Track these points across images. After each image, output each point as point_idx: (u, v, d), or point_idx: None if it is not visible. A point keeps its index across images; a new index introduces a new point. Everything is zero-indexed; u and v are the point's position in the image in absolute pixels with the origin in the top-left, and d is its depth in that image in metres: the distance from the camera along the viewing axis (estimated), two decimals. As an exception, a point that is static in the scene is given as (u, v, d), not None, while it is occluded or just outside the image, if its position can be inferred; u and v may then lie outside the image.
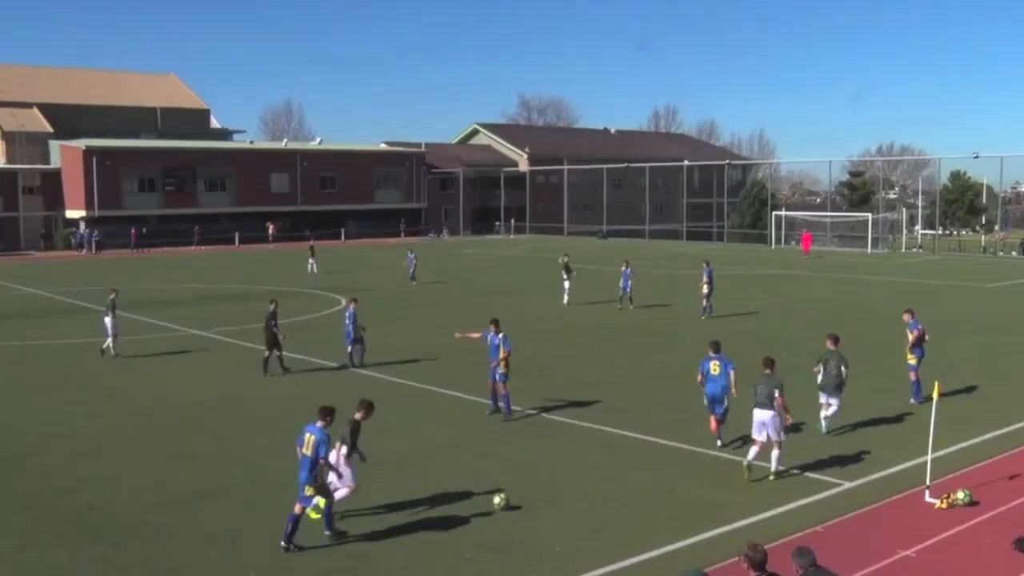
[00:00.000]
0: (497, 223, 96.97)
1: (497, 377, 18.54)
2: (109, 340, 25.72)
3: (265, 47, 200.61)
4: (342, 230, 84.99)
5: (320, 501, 11.88)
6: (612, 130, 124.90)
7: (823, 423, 17.12)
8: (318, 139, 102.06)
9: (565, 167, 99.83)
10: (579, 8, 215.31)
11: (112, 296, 26.31)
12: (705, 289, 32.86)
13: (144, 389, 21.80)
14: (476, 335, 19.54)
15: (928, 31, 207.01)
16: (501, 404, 18.65)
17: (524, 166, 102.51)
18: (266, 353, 23.12)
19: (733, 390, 16.10)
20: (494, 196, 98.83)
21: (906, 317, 19.80)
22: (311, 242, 60.24)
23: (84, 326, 31.55)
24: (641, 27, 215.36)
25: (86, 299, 39.31)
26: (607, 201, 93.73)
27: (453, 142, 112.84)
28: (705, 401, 16.43)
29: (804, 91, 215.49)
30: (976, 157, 73.08)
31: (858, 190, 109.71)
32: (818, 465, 15.21)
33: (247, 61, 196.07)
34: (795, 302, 37.80)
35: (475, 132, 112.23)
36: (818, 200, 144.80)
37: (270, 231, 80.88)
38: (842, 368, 16.95)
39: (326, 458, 12.08)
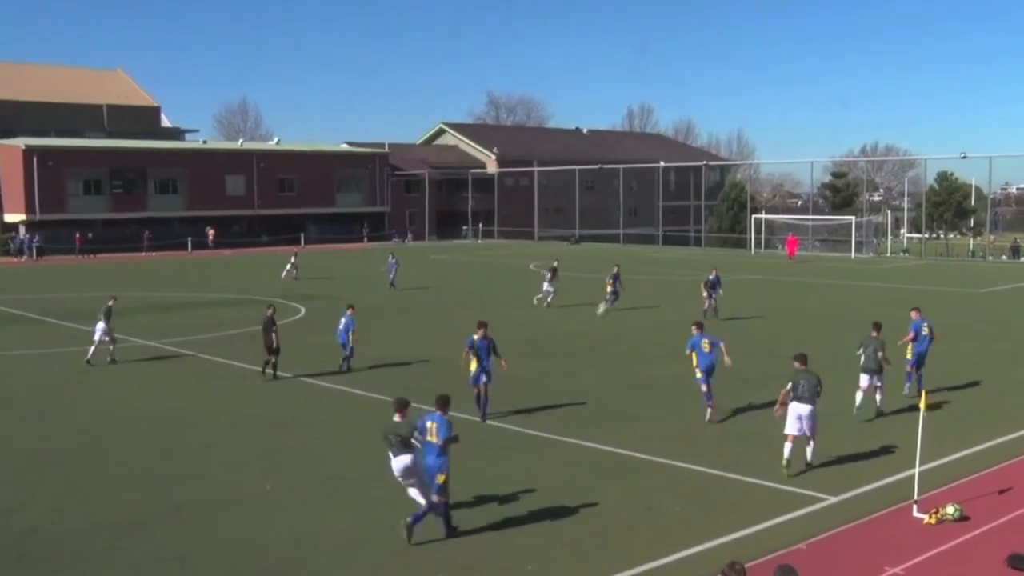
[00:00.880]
0: (464, 227, 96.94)
1: (483, 380, 19.21)
2: (93, 348, 26.14)
3: (219, 41, 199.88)
4: (301, 235, 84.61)
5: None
6: (585, 130, 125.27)
7: (858, 401, 19.32)
8: (276, 139, 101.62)
9: (535, 169, 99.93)
10: (550, 2, 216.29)
11: (110, 303, 26.98)
12: (704, 294, 35.10)
13: (90, 404, 21.54)
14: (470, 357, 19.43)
15: (912, 26, 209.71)
16: (481, 409, 19.37)
17: (492, 167, 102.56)
18: (269, 358, 23.73)
19: (726, 358, 19.09)
20: (461, 199, 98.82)
21: (913, 315, 21.87)
22: (296, 248, 60.72)
23: (23, 337, 31.17)
24: (615, 23, 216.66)
25: (24, 308, 38.84)
26: (579, 204, 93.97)
27: (418, 143, 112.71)
28: (698, 374, 19.17)
29: (784, 89, 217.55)
30: (964, 157, 73.48)
31: (841, 192, 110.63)
32: (801, 479, 15.26)
33: (200, 56, 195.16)
34: (778, 309, 37.97)
35: (441, 132, 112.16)
36: (799, 203, 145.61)
37: (210, 236, 79.81)
38: (879, 352, 19.40)
39: (454, 438, 13.12)
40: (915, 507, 13.58)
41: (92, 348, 26.19)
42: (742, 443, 17.47)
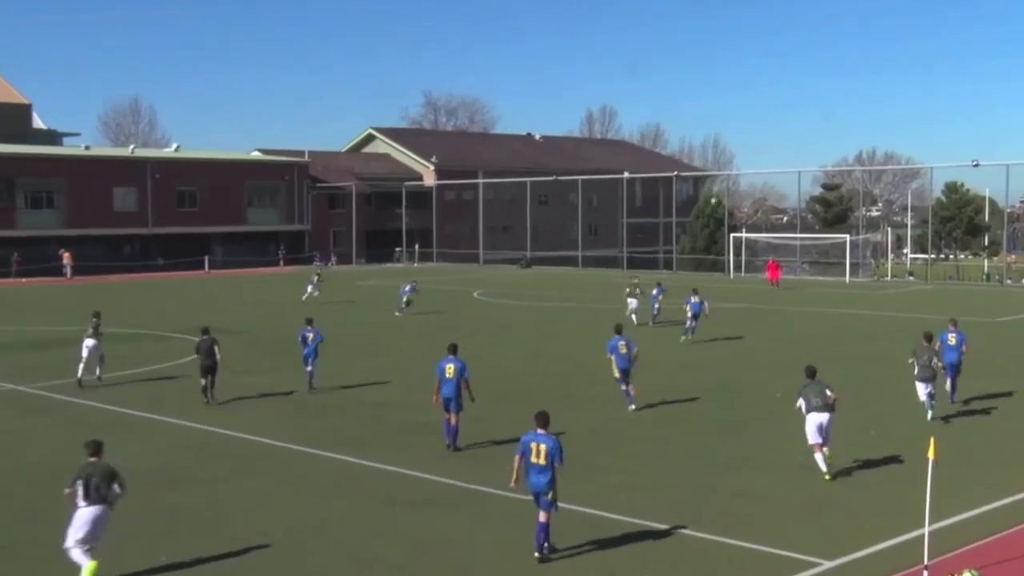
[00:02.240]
0: (398, 249, 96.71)
1: (453, 407, 20.56)
2: (82, 366, 28.74)
3: (105, 29, 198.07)
4: (205, 258, 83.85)
5: None
6: (537, 135, 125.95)
7: (928, 412, 23.10)
8: (174, 145, 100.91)
9: (480, 181, 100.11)
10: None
11: (95, 321, 29.59)
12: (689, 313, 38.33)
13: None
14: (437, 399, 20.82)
15: (914, 14, 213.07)
16: (449, 437, 20.67)
17: (430, 179, 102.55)
18: (204, 381, 26.21)
19: (637, 361, 24.63)
20: (394, 216, 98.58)
21: (949, 326, 26.01)
22: (317, 266, 63.72)
23: None
24: (570, 13, 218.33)
25: None
26: (531, 221, 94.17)
27: (343, 150, 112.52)
28: (616, 374, 24.13)
29: (767, 88, 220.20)
30: (976, 165, 73.99)
31: (834, 207, 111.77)
32: (789, 538, 15.16)
33: (81, 49, 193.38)
34: (763, 342, 38.12)
35: (370, 138, 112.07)
36: (785, 219, 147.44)
37: (64, 260, 76.43)
38: (934, 359, 23.33)
39: (561, 462, 14.50)
40: (925, 573, 13.51)
41: (82, 367, 28.75)
42: (722, 498, 17.36)
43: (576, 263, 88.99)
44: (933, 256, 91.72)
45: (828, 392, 18.47)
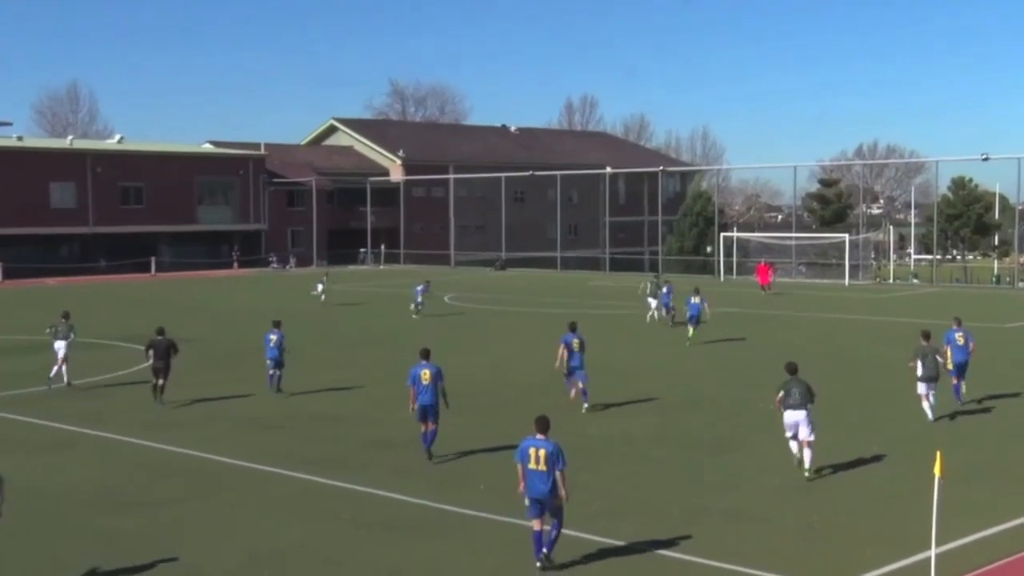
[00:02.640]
0: (362, 250, 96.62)
1: (431, 416, 21.08)
2: (59, 367, 30.23)
3: (39, 11, 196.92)
4: (152, 260, 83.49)
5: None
6: (512, 127, 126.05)
7: (929, 412, 24.53)
8: (117, 136, 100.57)
9: (451, 176, 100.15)
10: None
11: (66, 321, 30.87)
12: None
13: None
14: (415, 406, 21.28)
15: None
16: (428, 447, 21.22)
17: (397, 174, 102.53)
18: (159, 381, 27.65)
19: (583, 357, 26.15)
20: (357, 214, 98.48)
21: (953, 324, 27.38)
22: (326, 268, 64.72)
23: None
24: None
25: None
26: (506, 220, 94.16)
27: (303, 143, 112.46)
28: (565, 371, 26.17)
29: (759, 76, 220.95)
30: (985, 159, 74.13)
31: (832, 204, 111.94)
32: (788, 564, 15.17)
33: (12, 30, 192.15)
34: (757, 350, 38.19)
35: (332, 130, 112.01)
36: (780, 217, 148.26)
37: None
38: (937, 358, 24.76)
39: (563, 471, 14.88)
40: (933, 599, 13.55)
41: (56, 368, 30.31)
42: (715, 520, 17.35)
43: (555, 265, 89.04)
44: (939, 257, 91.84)
45: (809, 392, 19.74)
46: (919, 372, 24.62)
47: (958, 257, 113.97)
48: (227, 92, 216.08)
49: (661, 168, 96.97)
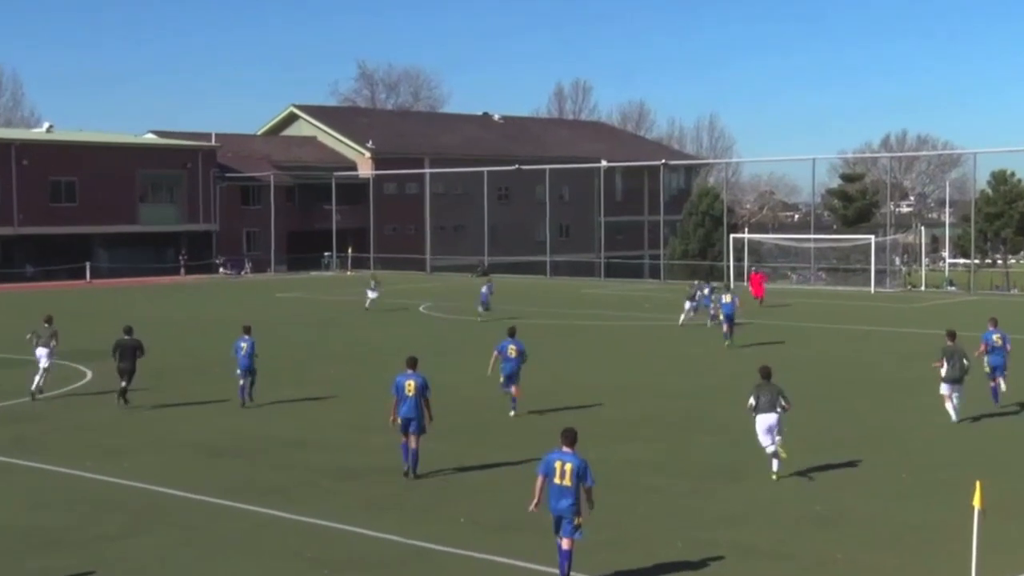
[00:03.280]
0: (327, 254, 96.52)
1: (413, 428, 21.88)
2: (40, 376, 31.84)
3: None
4: (87, 265, 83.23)
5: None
6: (496, 116, 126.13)
7: (953, 413, 26.86)
8: (46, 125, 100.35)
9: (427, 171, 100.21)
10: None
11: (49, 326, 32.86)
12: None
13: None
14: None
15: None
16: (408, 462, 22.03)
17: (366, 169, 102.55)
18: (124, 384, 29.87)
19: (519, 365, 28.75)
20: (321, 213, 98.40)
21: (989, 326, 29.92)
22: (372, 271, 68.01)
23: None
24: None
25: None
26: (489, 220, 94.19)
27: (259, 133, 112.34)
28: (502, 379, 28.54)
29: (773, 59, 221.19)
30: (1030, 150, 74.44)
31: (855, 201, 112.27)
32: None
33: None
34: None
35: (292, 118, 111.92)
36: (796, 217, 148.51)
37: None
38: (964, 360, 26.73)
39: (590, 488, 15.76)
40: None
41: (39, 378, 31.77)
42: (720, 555, 17.36)
43: (543, 270, 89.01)
44: (977, 261, 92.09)
45: (782, 400, 21.83)
46: (943, 372, 26.87)
47: (999, 261, 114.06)
48: (173, 76, 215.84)
49: (663, 161, 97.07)
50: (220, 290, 75.50)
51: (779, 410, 21.73)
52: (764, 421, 21.80)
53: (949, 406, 26.93)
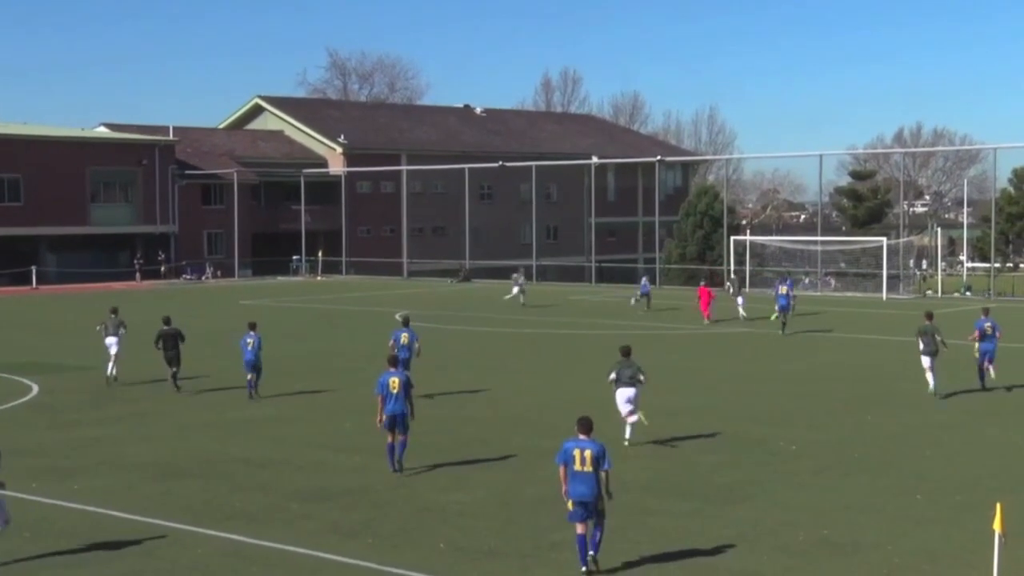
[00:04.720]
0: (295, 257, 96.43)
1: (399, 427, 23.70)
2: (112, 363, 36.84)
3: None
4: (33, 269, 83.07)
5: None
6: (478, 109, 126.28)
7: (931, 381, 33.08)
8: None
9: (403, 168, 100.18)
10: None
11: (115, 316, 38.44)
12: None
13: None
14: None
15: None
16: (393, 463, 23.76)
17: (338, 165, 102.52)
18: (173, 370, 34.91)
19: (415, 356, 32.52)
20: (289, 214, 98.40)
21: (982, 315, 35.23)
22: (518, 271, 70.71)
23: None
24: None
25: None
26: (470, 221, 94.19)
27: (221, 126, 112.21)
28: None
29: (777, 48, 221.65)
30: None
31: (866, 200, 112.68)
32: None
33: None
34: (776, 379, 38.36)
35: (257, 110, 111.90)
36: (803, 217, 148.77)
37: None
38: (936, 336, 33.12)
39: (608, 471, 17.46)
40: None
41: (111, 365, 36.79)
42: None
43: (529, 275, 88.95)
44: (997, 265, 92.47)
45: (640, 376, 26.46)
46: (920, 347, 33.73)
47: (1020, 265, 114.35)
48: (127, 65, 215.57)
49: (658, 158, 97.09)
50: (179, 297, 75.29)
51: (637, 384, 26.27)
52: (624, 394, 26.47)
53: (929, 376, 33.33)
